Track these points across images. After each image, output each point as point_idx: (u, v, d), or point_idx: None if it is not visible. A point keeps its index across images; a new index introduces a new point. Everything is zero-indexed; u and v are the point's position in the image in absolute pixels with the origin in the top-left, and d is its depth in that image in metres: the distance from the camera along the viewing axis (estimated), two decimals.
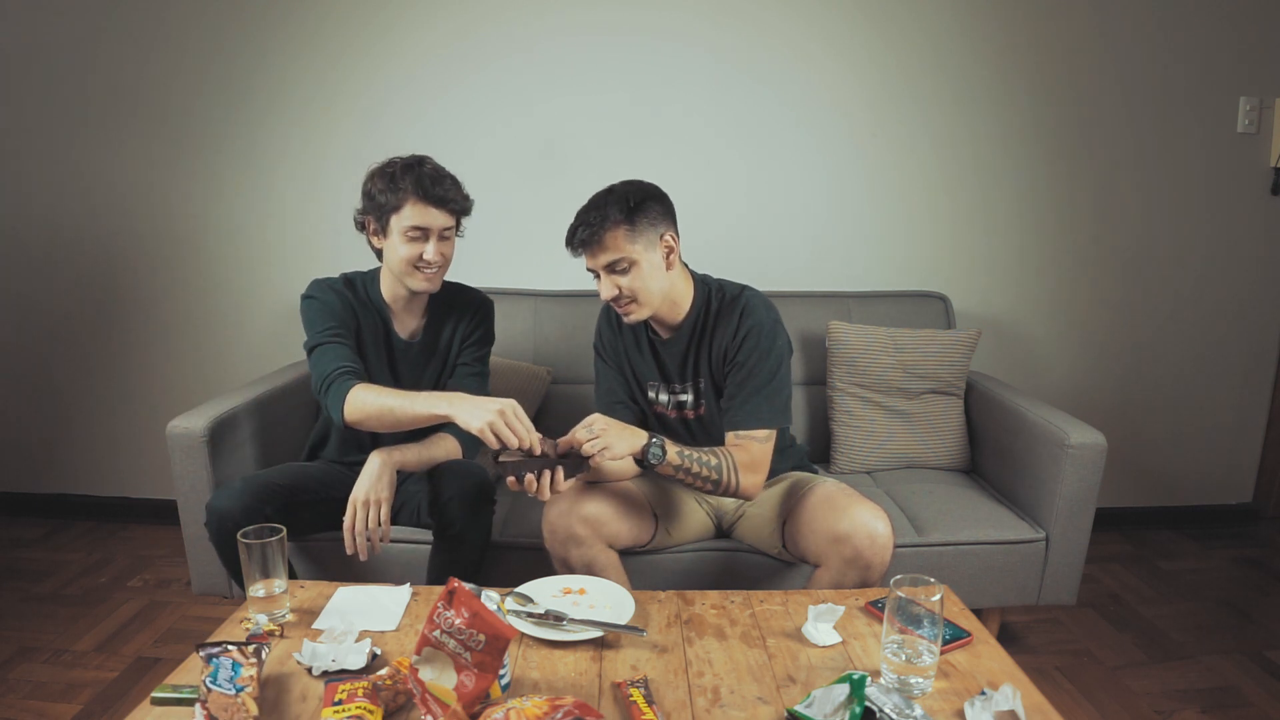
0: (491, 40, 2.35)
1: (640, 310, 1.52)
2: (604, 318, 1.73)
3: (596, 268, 1.50)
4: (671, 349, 1.62)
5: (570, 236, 1.48)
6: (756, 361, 1.52)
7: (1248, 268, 2.53)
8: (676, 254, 1.54)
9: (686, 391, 1.63)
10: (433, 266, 1.55)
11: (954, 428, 2.13)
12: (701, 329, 1.59)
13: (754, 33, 2.35)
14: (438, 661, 1.00)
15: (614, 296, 1.50)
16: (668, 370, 1.64)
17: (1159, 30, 2.37)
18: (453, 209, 1.55)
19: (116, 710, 1.68)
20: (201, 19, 2.34)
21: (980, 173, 2.44)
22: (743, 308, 1.54)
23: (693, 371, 1.62)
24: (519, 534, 1.74)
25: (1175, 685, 1.82)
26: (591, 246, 1.47)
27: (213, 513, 1.45)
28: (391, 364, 1.67)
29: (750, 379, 1.52)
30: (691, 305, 1.59)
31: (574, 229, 1.48)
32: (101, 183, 2.45)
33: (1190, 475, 2.67)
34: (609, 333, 1.71)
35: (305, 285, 1.65)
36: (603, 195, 1.50)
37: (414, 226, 1.52)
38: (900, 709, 0.97)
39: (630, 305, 1.51)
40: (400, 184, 1.51)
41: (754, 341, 1.52)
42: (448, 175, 1.56)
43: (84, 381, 2.60)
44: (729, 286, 1.61)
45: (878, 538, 1.38)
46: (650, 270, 1.49)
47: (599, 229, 1.45)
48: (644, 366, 1.67)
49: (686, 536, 1.68)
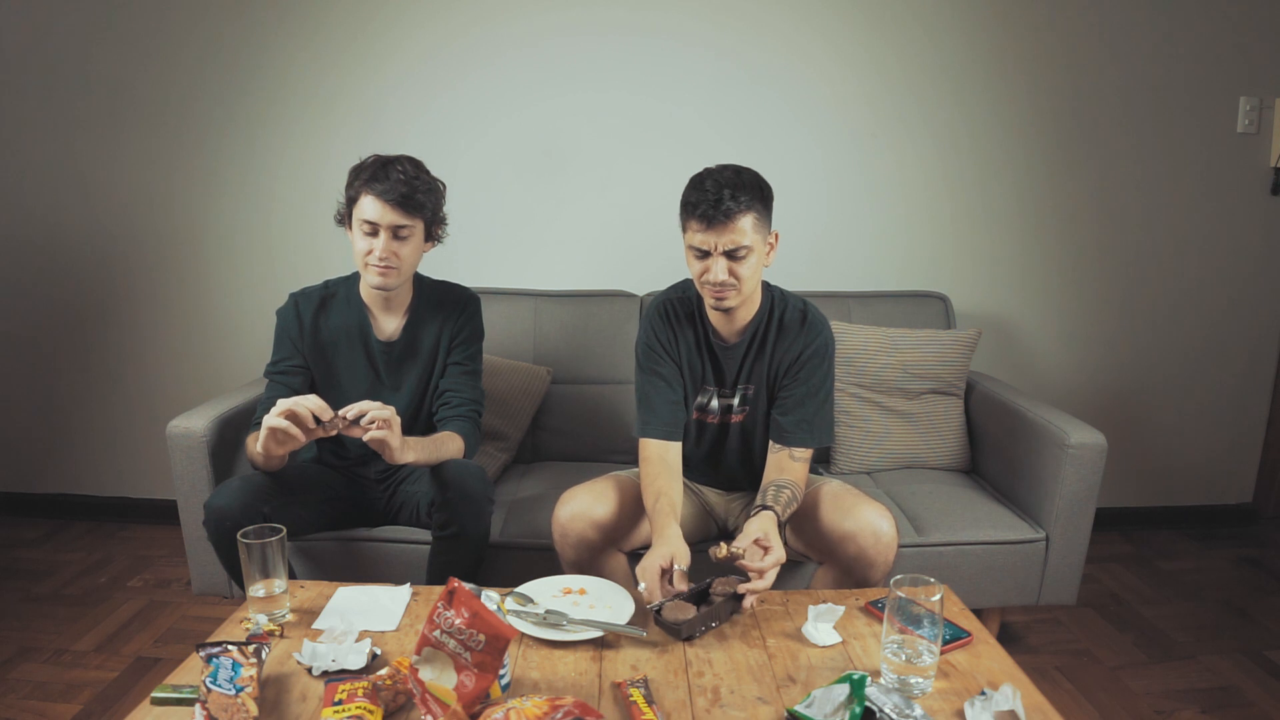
0: (491, 40, 2.35)
1: (735, 300, 1.45)
2: (658, 316, 1.59)
3: (713, 247, 1.39)
4: (732, 354, 1.56)
5: (703, 208, 1.37)
6: (820, 380, 1.51)
7: (1248, 268, 2.53)
8: (775, 252, 1.49)
9: (735, 395, 1.59)
10: (382, 263, 1.53)
11: (954, 428, 2.13)
12: (763, 336, 1.55)
13: (754, 33, 2.35)
14: (438, 661, 1.00)
15: (721, 282, 1.41)
16: (724, 375, 1.59)
17: (1159, 30, 2.37)
18: (407, 208, 1.52)
19: (116, 710, 1.68)
20: (201, 19, 2.34)
21: (980, 173, 2.44)
22: (810, 322, 1.53)
23: (746, 376, 1.57)
24: (519, 534, 1.74)
25: (1175, 685, 1.82)
26: (725, 224, 1.37)
27: (211, 512, 1.45)
28: (371, 365, 1.67)
29: (811, 396, 1.51)
30: (758, 310, 1.55)
31: (710, 202, 1.36)
32: (101, 182, 2.45)
33: (1190, 475, 2.67)
34: (667, 333, 1.58)
35: (305, 283, 1.65)
36: (733, 175, 1.40)
37: (365, 220, 1.52)
38: (900, 709, 0.97)
39: (729, 293, 1.43)
40: (360, 177, 1.53)
41: (819, 360, 1.51)
42: (415, 177, 1.54)
43: (84, 381, 2.60)
44: (790, 297, 1.58)
45: (882, 536, 1.39)
46: (757, 263, 1.43)
47: (735, 212, 1.37)
48: (700, 370, 1.60)
49: (692, 537, 1.68)
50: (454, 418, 1.64)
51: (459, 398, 1.66)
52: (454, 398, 1.66)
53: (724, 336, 1.56)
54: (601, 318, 2.23)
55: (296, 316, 1.64)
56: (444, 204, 1.65)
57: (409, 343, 1.68)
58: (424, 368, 1.68)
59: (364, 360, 1.66)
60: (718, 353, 1.57)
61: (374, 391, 1.67)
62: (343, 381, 1.66)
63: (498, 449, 2.10)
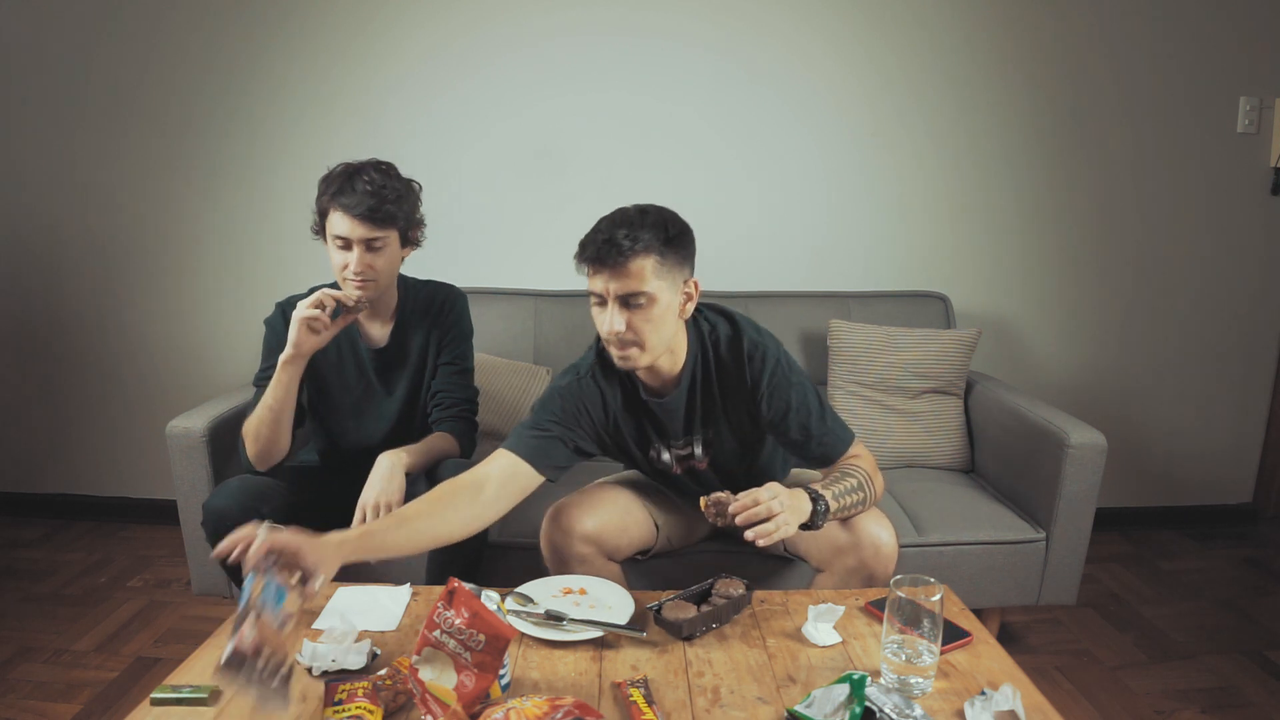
0: (491, 40, 2.35)
1: (639, 358, 1.30)
2: (578, 381, 1.43)
3: (607, 293, 1.27)
4: (670, 407, 1.42)
5: (591, 249, 1.25)
6: (800, 397, 1.36)
7: (1248, 268, 2.53)
8: (694, 304, 1.36)
9: (693, 444, 1.46)
10: (359, 277, 1.51)
11: (954, 428, 2.13)
12: (704, 380, 1.40)
13: (754, 33, 2.35)
14: (438, 661, 1.00)
15: (616, 333, 1.27)
16: (666, 429, 1.45)
17: (1159, 30, 2.37)
18: (377, 221, 1.48)
19: (116, 710, 1.68)
20: (201, 19, 2.34)
21: (980, 173, 2.44)
22: (749, 348, 1.36)
23: (701, 423, 1.44)
24: (519, 534, 1.73)
25: (1175, 685, 1.82)
26: (614, 268, 1.24)
27: (209, 513, 1.44)
28: (362, 372, 1.66)
29: (809, 413, 1.37)
30: (687, 355, 1.39)
31: (599, 242, 1.25)
32: (101, 182, 2.45)
33: (1190, 475, 2.67)
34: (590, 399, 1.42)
35: (305, 284, 1.65)
36: (635, 214, 1.28)
37: (336, 235, 1.50)
38: (900, 709, 0.97)
39: (630, 349, 1.29)
40: (329, 190, 1.50)
41: (781, 378, 1.35)
42: (383, 186, 1.49)
43: (84, 382, 2.60)
44: (714, 318, 1.43)
45: (882, 548, 1.35)
46: (664, 314, 1.28)
47: (629, 251, 1.23)
48: (640, 429, 1.46)
49: (689, 540, 1.68)
50: (446, 419, 1.64)
51: (451, 398, 1.65)
52: (446, 399, 1.65)
53: (655, 390, 1.42)
54: None
55: (285, 325, 1.62)
56: (420, 205, 1.60)
57: (398, 347, 1.66)
58: (415, 371, 1.67)
59: (354, 368, 1.65)
60: (654, 409, 1.43)
61: (367, 399, 1.66)
62: (334, 390, 1.66)
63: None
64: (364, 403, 1.67)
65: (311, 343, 1.47)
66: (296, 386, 1.51)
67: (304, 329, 1.45)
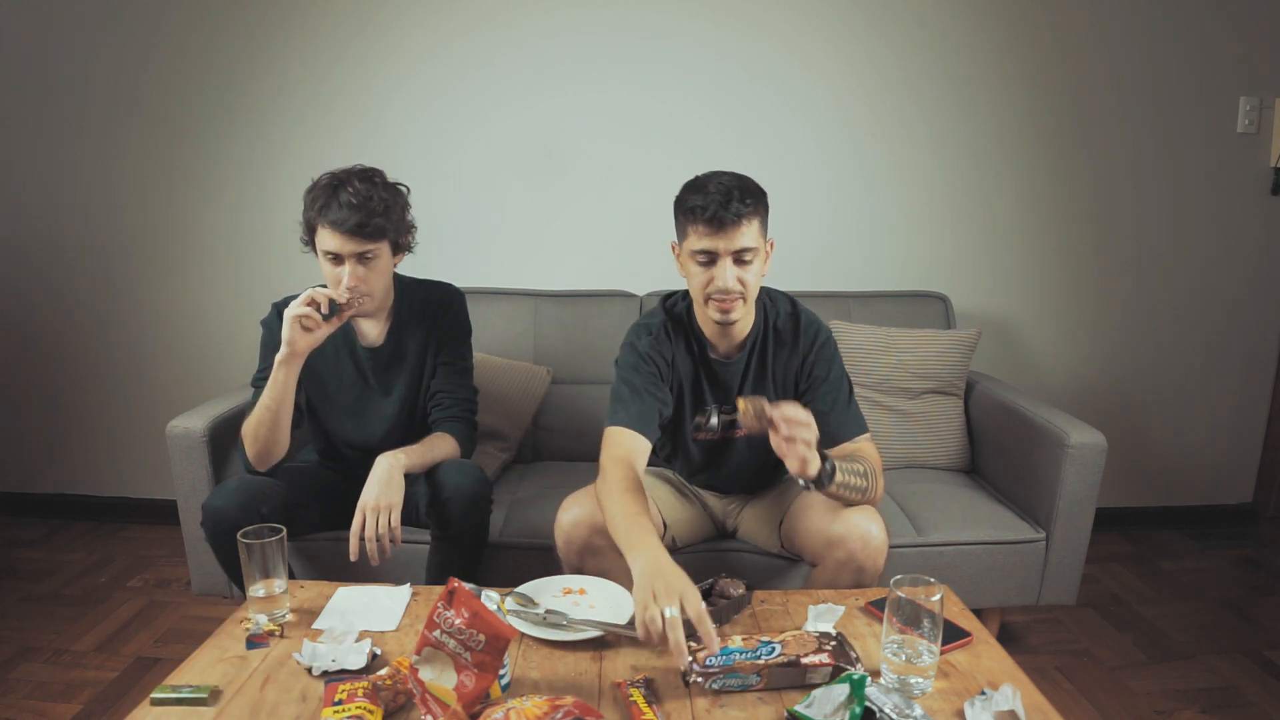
0: (492, 40, 2.35)
1: (739, 311, 1.40)
2: (651, 333, 1.50)
3: (723, 250, 1.35)
4: (732, 369, 1.51)
5: (710, 211, 1.32)
6: (838, 374, 1.49)
7: (1247, 268, 2.53)
8: (769, 263, 1.45)
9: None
10: (353, 291, 1.50)
11: (954, 428, 2.13)
12: (762, 347, 1.51)
13: (754, 33, 2.35)
14: (438, 661, 1.00)
15: (727, 289, 1.35)
16: (726, 391, 1.53)
17: (1159, 30, 2.37)
18: (365, 235, 1.47)
19: (116, 710, 1.67)
20: (201, 19, 2.34)
21: (980, 173, 2.44)
22: (804, 323, 1.50)
23: (750, 390, 1.51)
24: (519, 534, 1.74)
25: (1175, 685, 1.82)
26: (735, 225, 1.33)
27: (209, 513, 1.45)
28: (359, 372, 1.66)
29: (839, 391, 1.48)
30: (754, 321, 1.50)
31: (723, 202, 1.31)
32: (101, 182, 2.45)
33: (1190, 475, 2.67)
34: (666, 349, 1.49)
35: (304, 285, 1.65)
36: (734, 177, 1.36)
37: (326, 251, 1.49)
38: (900, 709, 0.97)
39: (736, 302, 1.38)
40: (314, 205, 1.49)
41: (828, 353, 1.49)
42: (369, 198, 1.47)
43: (84, 381, 2.60)
44: (776, 297, 1.54)
45: (871, 541, 1.36)
46: (761, 268, 1.40)
47: (746, 211, 1.33)
48: (694, 390, 1.53)
49: (691, 538, 1.68)
50: (446, 419, 1.64)
51: (450, 398, 1.66)
52: (445, 398, 1.65)
53: (722, 352, 1.52)
54: (601, 318, 2.23)
55: (280, 326, 1.62)
56: (409, 210, 1.58)
57: (395, 347, 1.66)
58: (413, 371, 1.67)
59: (351, 368, 1.65)
60: (717, 369, 1.52)
61: (365, 399, 1.66)
62: (332, 390, 1.66)
63: (498, 449, 2.09)
64: (362, 402, 1.67)
65: (306, 341, 1.46)
66: (294, 386, 1.50)
67: (297, 327, 1.44)
